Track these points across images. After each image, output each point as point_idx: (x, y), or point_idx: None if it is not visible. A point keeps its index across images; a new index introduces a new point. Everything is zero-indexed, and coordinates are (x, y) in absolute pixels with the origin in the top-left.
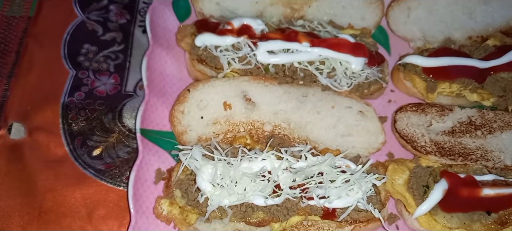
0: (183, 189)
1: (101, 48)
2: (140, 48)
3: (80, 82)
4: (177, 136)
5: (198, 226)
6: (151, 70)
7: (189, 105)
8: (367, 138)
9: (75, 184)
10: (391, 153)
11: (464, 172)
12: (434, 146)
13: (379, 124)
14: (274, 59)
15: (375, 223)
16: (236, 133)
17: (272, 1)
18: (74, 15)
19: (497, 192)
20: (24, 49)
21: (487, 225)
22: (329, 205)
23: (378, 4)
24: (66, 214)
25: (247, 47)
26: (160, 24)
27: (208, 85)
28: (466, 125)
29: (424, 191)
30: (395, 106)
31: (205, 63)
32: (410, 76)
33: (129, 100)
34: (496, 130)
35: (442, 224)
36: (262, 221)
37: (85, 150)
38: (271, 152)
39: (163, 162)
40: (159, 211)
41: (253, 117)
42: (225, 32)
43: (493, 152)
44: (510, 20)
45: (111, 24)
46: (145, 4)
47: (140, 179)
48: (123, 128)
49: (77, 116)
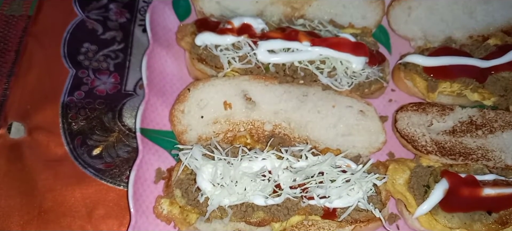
0: (183, 188)
1: (101, 47)
2: (140, 47)
3: (80, 82)
4: (177, 135)
5: (198, 225)
6: (151, 70)
7: (189, 105)
8: (367, 138)
9: (75, 183)
10: (392, 152)
11: (465, 171)
12: (435, 146)
13: (379, 123)
14: (275, 59)
15: (375, 222)
16: (236, 132)
17: (272, 0)
18: (74, 14)
19: (498, 192)
20: (23, 48)
21: (488, 225)
22: (330, 204)
23: (379, 3)
24: (66, 214)
25: (248, 46)
26: (160, 23)
27: (208, 85)
28: (467, 124)
29: (425, 190)
30: (395, 106)
31: (205, 62)
32: (410, 76)
33: (129, 99)
34: (497, 129)
35: (442, 223)
36: (263, 221)
37: (85, 149)
38: (272, 152)
39: (163, 161)
40: (159, 210)
41: (253, 116)
42: (225, 31)
43: (494, 151)
44: (511, 19)
45: (111, 23)
46: (145, 3)
47: (140, 179)
48: (123, 127)
49: (77, 115)
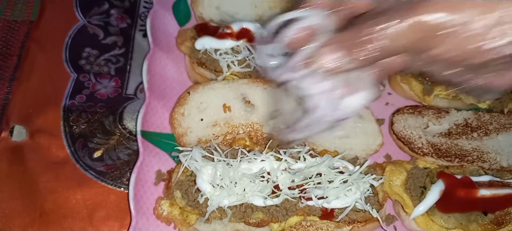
0: (183, 190)
1: (102, 51)
2: (140, 52)
3: (81, 85)
4: (177, 137)
5: (198, 226)
6: (151, 73)
7: (189, 108)
8: (365, 140)
9: (76, 185)
10: (389, 154)
11: (460, 173)
12: (431, 148)
13: (376, 126)
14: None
15: (373, 223)
16: (236, 134)
17: (271, 5)
18: (76, 19)
19: (494, 193)
20: (25, 53)
21: (484, 225)
22: (328, 205)
23: None
24: (67, 215)
25: (247, 51)
26: (161, 28)
27: (208, 88)
28: (463, 127)
29: (421, 191)
30: (392, 109)
31: (205, 66)
32: (407, 79)
33: (130, 103)
34: (492, 131)
35: (439, 224)
36: (262, 222)
37: (86, 152)
38: (270, 153)
39: (164, 163)
40: (160, 211)
41: (252, 119)
42: (224, 36)
43: (489, 153)
44: None
45: (112, 28)
46: (146, 8)
47: (140, 180)
48: (123, 130)
49: (78, 118)
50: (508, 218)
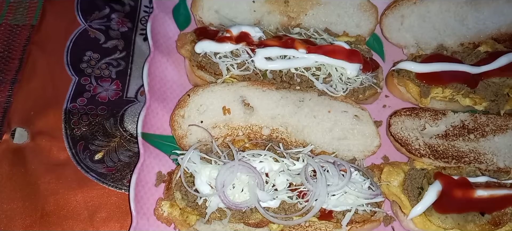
0: (183, 191)
1: (103, 55)
2: (141, 55)
3: (83, 89)
4: (177, 139)
5: (198, 227)
6: (152, 76)
7: (189, 110)
8: (362, 141)
9: (77, 187)
10: (386, 156)
11: (457, 174)
12: (428, 149)
13: (374, 127)
14: (272, 65)
15: (371, 223)
16: (235, 136)
17: (269, 9)
18: (77, 23)
19: (491, 193)
20: (27, 56)
21: (481, 225)
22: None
23: (372, 12)
24: (68, 217)
25: (246, 54)
26: (161, 32)
27: (207, 91)
28: (459, 128)
29: (419, 192)
30: (389, 111)
31: (205, 69)
32: (404, 82)
33: (130, 105)
34: (489, 133)
35: (436, 224)
36: (261, 222)
37: (87, 154)
38: (269, 154)
39: (164, 165)
40: (160, 212)
41: (251, 121)
42: (224, 40)
43: (486, 154)
44: (501, 27)
45: (113, 32)
46: (146, 12)
47: (141, 182)
48: (124, 133)
49: (79, 121)
50: (505, 219)
